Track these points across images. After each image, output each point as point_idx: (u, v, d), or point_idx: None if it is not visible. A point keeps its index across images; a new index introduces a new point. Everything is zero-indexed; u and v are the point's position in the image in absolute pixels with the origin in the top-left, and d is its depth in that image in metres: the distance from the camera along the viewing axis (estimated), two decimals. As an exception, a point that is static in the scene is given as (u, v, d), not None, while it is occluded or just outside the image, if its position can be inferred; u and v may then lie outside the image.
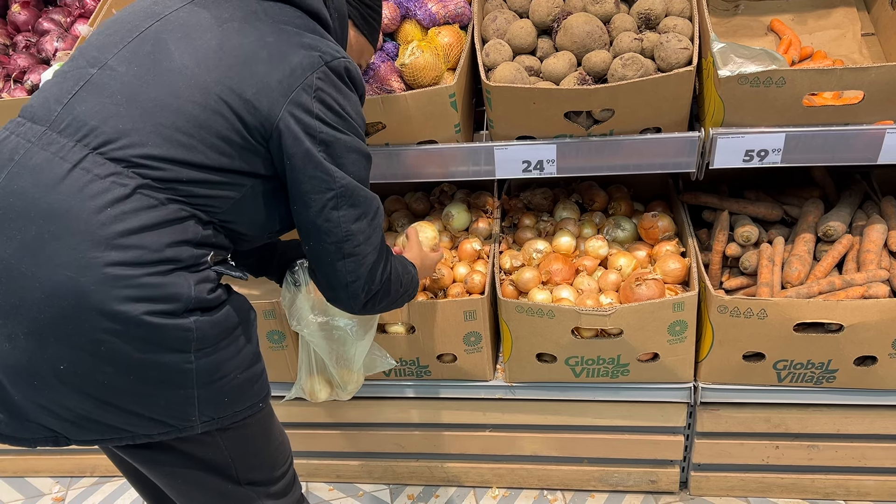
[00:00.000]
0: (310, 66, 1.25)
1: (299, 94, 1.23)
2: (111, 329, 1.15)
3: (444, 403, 2.21)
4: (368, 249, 1.36)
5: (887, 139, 1.72)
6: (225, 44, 1.23)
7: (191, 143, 1.20)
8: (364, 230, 1.34)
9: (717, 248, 2.07)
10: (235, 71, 1.22)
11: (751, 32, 2.17)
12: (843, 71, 1.65)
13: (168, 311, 1.17)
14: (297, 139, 1.24)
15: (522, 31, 1.89)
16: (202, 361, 1.23)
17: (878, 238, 1.95)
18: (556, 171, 1.90)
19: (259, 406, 1.38)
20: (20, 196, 1.17)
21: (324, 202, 1.28)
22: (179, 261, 1.20)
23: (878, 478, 2.14)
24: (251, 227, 1.35)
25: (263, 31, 1.26)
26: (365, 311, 1.45)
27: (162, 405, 1.25)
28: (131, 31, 1.27)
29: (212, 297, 1.23)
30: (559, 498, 2.32)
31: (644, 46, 1.81)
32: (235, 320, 1.28)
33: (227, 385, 1.29)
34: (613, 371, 2.04)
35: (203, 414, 1.27)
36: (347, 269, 1.35)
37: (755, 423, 2.09)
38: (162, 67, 1.22)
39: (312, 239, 1.34)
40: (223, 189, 1.25)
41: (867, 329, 1.82)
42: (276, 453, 1.50)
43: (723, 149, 1.78)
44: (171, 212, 1.20)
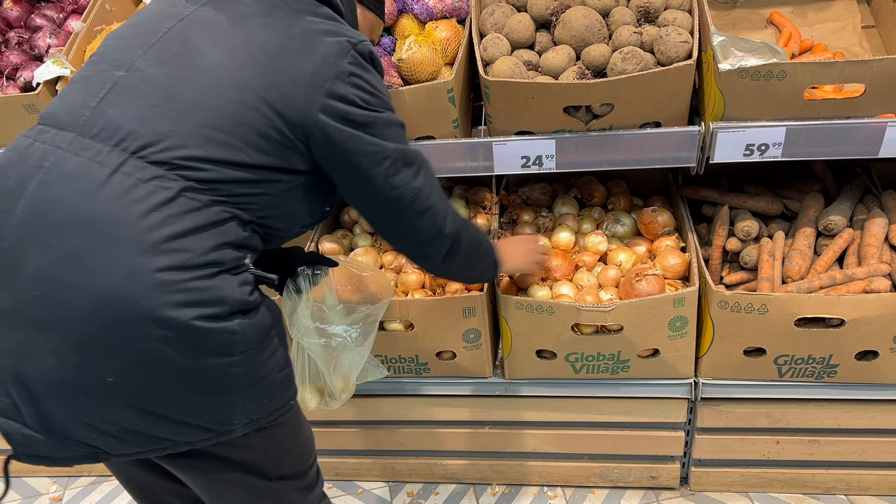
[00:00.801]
0: (339, 52, 1.25)
1: (334, 83, 1.23)
2: (161, 336, 1.13)
3: (443, 401, 2.20)
4: (437, 198, 1.39)
5: (888, 132, 1.71)
6: (254, 39, 1.23)
7: (231, 142, 1.19)
8: (426, 182, 1.36)
9: (718, 242, 2.06)
10: (269, 66, 1.21)
11: (750, 25, 2.16)
12: (844, 64, 1.64)
13: (215, 314, 1.16)
14: (340, 128, 1.25)
15: (520, 25, 1.87)
16: (246, 364, 1.23)
17: (878, 232, 1.94)
18: (555, 166, 1.89)
19: (290, 403, 1.38)
20: (57, 204, 1.13)
21: (384, 172, 1.30)
22: (223, 263, 1.18)
23: (879, 472, 2.13)
24: (286, 221, 1.34)
25: (288, 23, 1.25)
26: (448, 263, 1.48)
27: (206, 411, 1.24)
28: (153, 32, 1.25)
29: (251, 298, 1.23)
30: (559, 494, 2.32)
31: (643, 40, 1.79)
32: (270, 321, 1.28)
33: (267, 386, 1.29)
34: (614, 367, 2.02)
35: (244, 416, 1.27)
36: (426, 224, 1.38)
37: (756, 418, 2.08)
38: (194, 66, 1.20)
39: (385, 212, 1.37)
40: (261, 186, 1.24)
41: (868, 323, 1.81)
42: (304, 447, 1.51)
43: (723, 143, 1.77)
44: (214, 213, 1.18)
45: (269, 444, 1.39)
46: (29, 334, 1.14)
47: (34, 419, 1.18)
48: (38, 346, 1.14)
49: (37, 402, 1.17)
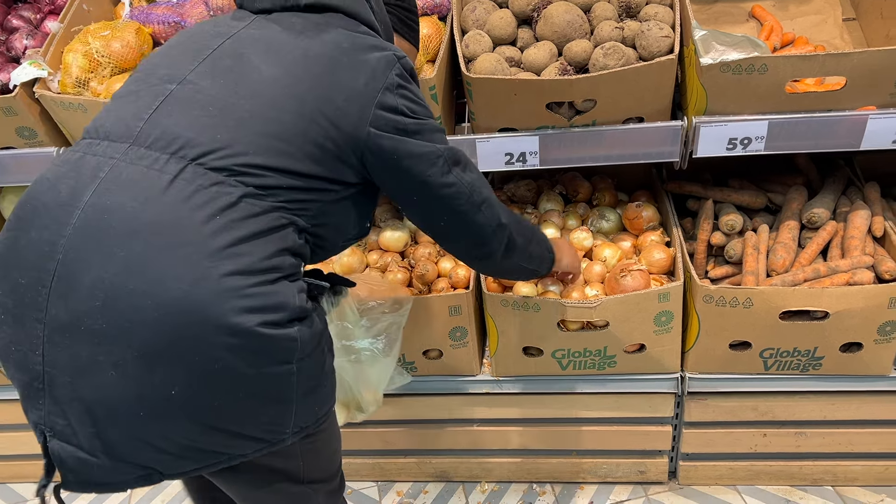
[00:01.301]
0: (387, 65, 1.28)
1: (385, 95, 1.26)
2: (226, 343, 1.11)
3: (430, 399, 2.19)
4: (488, 191, 1.42)
5: (870, 125, 1.71)
6: (308, 53, 1.25)
7: (290, 151, 1.20)
8: (475, 177, 1.39)
9: (702, 237, 2.06)
10: (324, 79, 1.23)
11: (732, 19, 2.16)
12: (825, 57, 1.64)
13: (277, 320, 1.15)
14: (392, 136, 1.27)
15: (502, 22, 1.86)
16: (303, 372, 1.22)
17: (861, 224, 1.94)
18: (538, 163, 1.88)
19: (330, 409, 1.38)
20: (117, 211, 1.11)
21: (439, 172, 1.32)
22: (282, 269, 1.18)
23: (865, 463, 2.14)
24: (334, 231, 1.36)
25: (338, 38, 1.28)
26: (508, 258, 1.50)
27: (263, 421, 1.22)
28: (201, 50, 1.27)
29: (308, 306, 1.22)
30: (548, 490, 2.32)
31: (625, 35, 1.79)
32: (321, 327, 1.28)
33: (318, 392, 1.29)
34: (600, 363, 2.02)
35: (296, 425, 1.26)
36: (486, 216, 1.40)
37: (742, 411, 2.09)
38: (251, 80, 1.22)
39: (445, 212, 1.38)
40: (314, 194, 1.26)
41: (852, 316, 1.82)
42: (335, 452, 1.53)
43: (706, 137, 1.77)
44: (273, 219, 1.19)
45: (309, 450, 1.39)
46: (89, 348, 1.10)
47: (90, 440, 1.15)
48: (98, 359, 1.10)
49: (95, 421, 1.14)
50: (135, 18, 2.12)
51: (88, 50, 1.99)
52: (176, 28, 2.06)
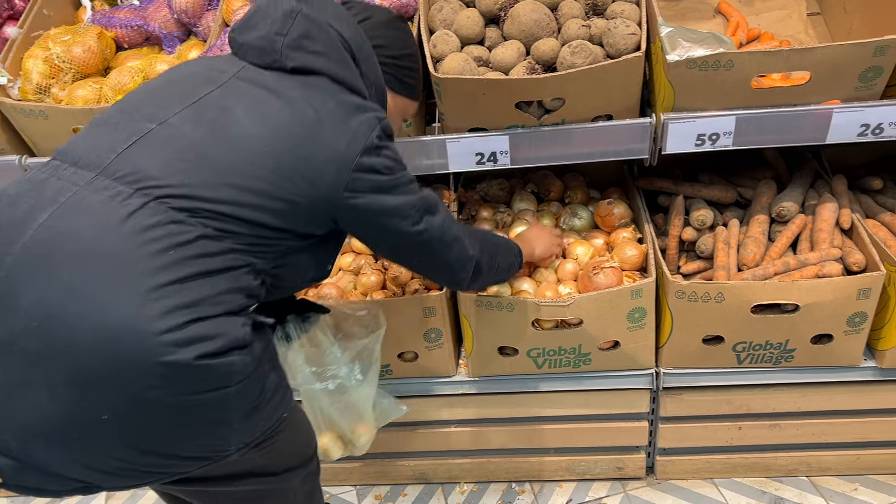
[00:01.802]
0: (369, 127, 1.30)
1: (362, 157, 1.28)
2: (160, 374, 1.11)
3: (407, 401, 2.16)
4: (457, 228, 1.49)
5: (835, 118, 1.73)
6: (293, 114, 1.26)
7: (258, 204, 1.22)
8: (444, 217, 1.44)
9: (674, 232, 2.07)
10: (305, 140, 1.25)
11: (699, 15, 2.17)
12: (789, 52, 1.65)
13: (214, 351, 1.15)
14: (367, 195, 1.30)
15: (469, 21, 1.86)
16: (242, 393, 1.23)
17: (829, 217, 1.96)
18: (509, 162, 1.88)
19: (284, 416, 1.39)
20: (70, 236, 1.12)
21: (413, 221, 1.37)
22: (229, 305, 1.19)
23: (839, 452, 2.17)
24: (293, 275, 1.37)
25: (324, 99, 1.29)
26: (477, 280, 1.58)
27: (203, 443, 1.24)
28: (189, 94, 1.28)
29: (249, 338, 1.23)
30: (527, 489, 2.32)
31: (592, 33, 1.79)
32: (261, 348, 1.28)
33: (260, 410, 1.29)
34: (575, 361, 2.03)
35: (239, 442, 1.28)
36: (456, 253, 1.48)
37: (717, 405, 2.10)
38: (232, 133, 1.23)
39: (418, 254, 1.45)
40: (276, 241, 1.28)
41: (822, 308, 1.83)
42: (305, 439, 1.56)
43: (675, 134, 1.78)
44: (228, 260, 1.20)
45: (269, 451, 1.39)
46: (23, 367, 1.11)
47: (24, 453, 1.16)
48: (31, 379, 1.11)
49: (28, 439, 1.14)
50: (97, 23, 2.08)
51: (49, 55, 1.95)
52: (139, 32, 2.03)
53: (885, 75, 1.69)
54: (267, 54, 1.31)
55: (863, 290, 1.81)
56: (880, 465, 2.18)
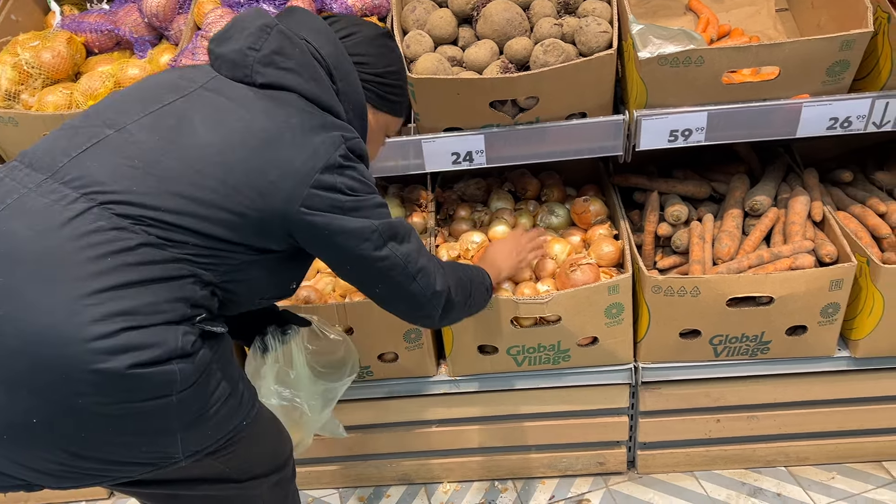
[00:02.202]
0: (332, 144, 1.27)
1: (322, 174, 1.25)
2: (90, 381, 1.10)
3: (388, 403, 2.18)
4: (425, 260, 1.42)
5: (804, 112, 1.76)
6: (251, 125, 1.24)
7: (204, 215, 1.20)
8: (413, 248, 1.40)
9: (649, 228, 2.09)
10: (261, 153, 1.23)
11: (670, 12, 2.19)
12: (758, 48, 1.67)
13: (150, 360, 1.14)
14: (324, 215, 1.27)
15: (442, 21, 1.86)
16: (184, 402, 1.21)
17: (801, 210, 1.99)
18: (485, 161, 1.89)
19: (243, 424, 1.37)
20: (8, 237, 1.12)
21: (372, 247, 1.33)
22: (173, 313, 1.18)
23: (816, 442, 2.20)
24: (246, 289, 1.34)
25: (288, 113, 1.27)
26: (446, 317, 1.52)
27: (144, 450, 1.22)
28: (153, 101, 1.27)
29: (192, 348, 1.21)
30: (510, 487, 2.32)
31: (564, 31, 1.80)
32: (209, 357, 1.26)
33: (208, 419, 1.27)
34: (555, 357, 2.04)
35: (187, 450, 1.26)
36: (421, 286, 1.41)
37: (696, 398, 2.12)
38: (185, 142, 1.22)
39: (379, 282, 1.40)
40: (226, 254, 1.25)
41: (796, 300, 1.86)
42: (274, 446, 1.53)
43: (648, 130, 1.79)
44: (172, 269, 1.18)
45: (229, 459, 1.38)
46: None
47: None
48: None
49: None
50: (66, 28, 2.06)
51: (18, 61, 1.93)
52: (109, 36, 2.01)
53: (852, 69, 1.72)
54: (238, 68, 1.30)
55: (835, 282, 1.84)
56: (857, 453, 2.21)
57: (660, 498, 2.21)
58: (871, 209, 2.01)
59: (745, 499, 2.17)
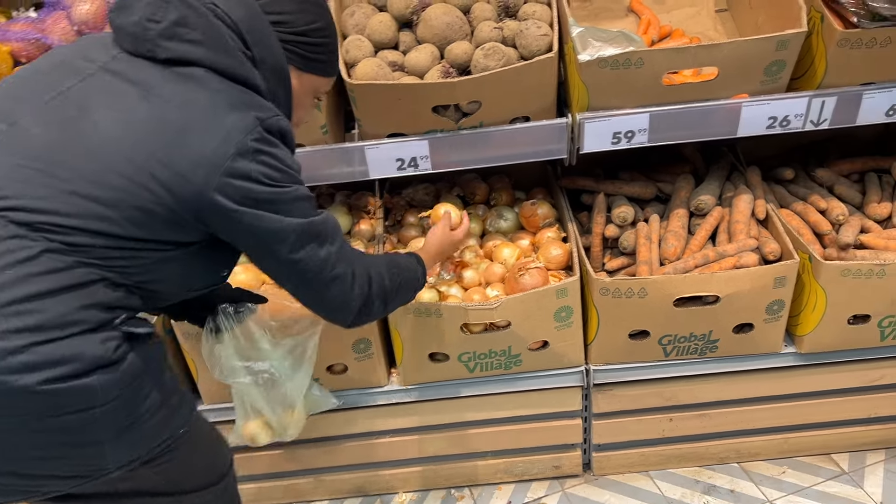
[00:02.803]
0: (244, 127, 1.18)
1: (235, 161, 1.16)
2: (5, 398, 1.06)
3: (339, 415, 2.14)
4: (343, 266, 1.35)
5: (744, 112, 1.77)
6: (154, 114, 1.16)
7: (107, 215, 1.13)
8: (333, 252, 1.32)
9: (597, 230, 2.09)
10: (166, 143, 1.15)
11: (612, 15, 2.20)
12: (696, 49, 1.68)
13: (66, 374, 1.09)
14: (237, 208, 1.19)
15: (382, 26, 1.83)
16: (108, 414, 1.16)
17: (745, 208, 2.01)
18: (431, 167, 1.86)
19: (179, 433, 1.33)
20: None
21: (288, 248, 1.26)
22: (86, 322, 1.12)
23: (766, 437, 2.22)
24: (168, 286, 1.28)
25: (195, 97, 1.18)
26: (361, 321, 1.45)
27: (71, 463, 1.18)
28: (52, 86, 1.19)
29: (115, 355, 1.16)
30: (467, 495, 2.30)
31: (505, 35, 1.78)
32: (139, 367, 1.21)
33: (138, 429, 1.23)
34: (506, 363, 2.02)
35: (116, 462, 1.21)
36: (334, 293, 1.35)
37: (648, 398, 2.12)
38: (86, 136, 1.14)
39: (292, 281, 1.34)
40: (137, 253, 1.18)
41: (741, 298, 1.87)
42: (212, 458, 1.48)
43: (591, 133, 1.79)
44: (79, 275, 1.12)
45: (166, 469, 1.33)
46: None
47: None
48: None
49: None
50: (-9, 37, 1.97)
51: (-61, 73, 1.85)
52: (37, 46, 1.93)
53: (789, 68, 1.74)
54: (140, 42, 1.20)
55: (779, 279, 1.86)
56: (806, 447, 2.24)
57: (616, 499, 2.21)
58: (813, 206, 2.05)
59: (699, 496, 2.19)
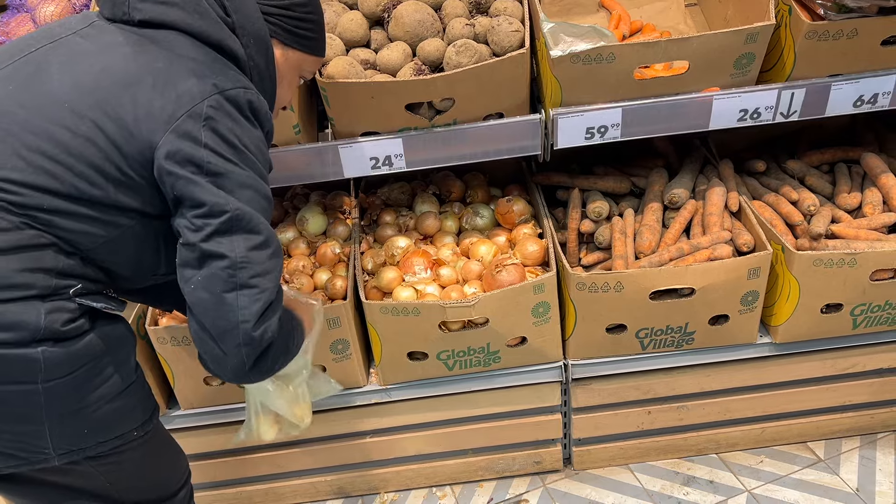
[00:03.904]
0: (199, 94, 1.14)
1: (185, 122, 1.12)
2: None
3: (319, 416, 2.11)
4: (268, 285, 1.17)
5: (715, 105, 1.79)
6: (109, 68, 1.14)
7: (56, 171, 1.10)
8: (263, 261, 1.16)
9: (572, 225, 2.09)
10: (114, 95, 1.12)
11: (583, 10, 2.21)
12: (667, 43, 1.69)
13: (9, 340, 1.07)
14: (179, 169, 1.12)
15: (353, 24, 1.82)
16: (52, 393, 1.13)
17: (718, 201, 2.02)
18: (405, 165, 1.86)
19: (133, 435, 1.30)
20: None
21: (214, 227, 1.13)
22: (30, 287, 1.09)
23: (743, 427, 2.24)
24: (131, 268, 1.25)
25: (154, 57, 1.16)
26: (255, 370, 1.21)
27: (7, 439, 1.16)
28: (22, 49, 1.20)
29: (68, 328, 1.13)
30: (448, 493, 2.30)
31: (477, 32, 1.78)
32: (100, 349, 1.19)
33: (86, 416, 1.20)
34: (485, 360, 2.02)
35: (58, 447, 1.19)
36: (241, 303, 1.14)
37: (626, 392, 2.13)
38: (37, 89, 1.13)
39: (202, 269, 1.14)
40: (94, 225, 1.15)
41: (716, 290, 1.89)
42: (168, 471, 1.44)
43: (564, 128, 1.79)
44: (26, 237, 1.10)
45: (110, 472, 1.30)
46: None
47: None
48: None
49: None
50: (-46, 40, 1.94)
51: None
52: (1, 48, 1.90)
53: (758, 61, 1.75)
54: (117, 6, 1.20)
55: (752, 270, 1.88)
56: (783, 436, 2.27)
57: (597, 493, 2.22)
58: (784, 197, 2.07)
59: (679, 488, 2.20)
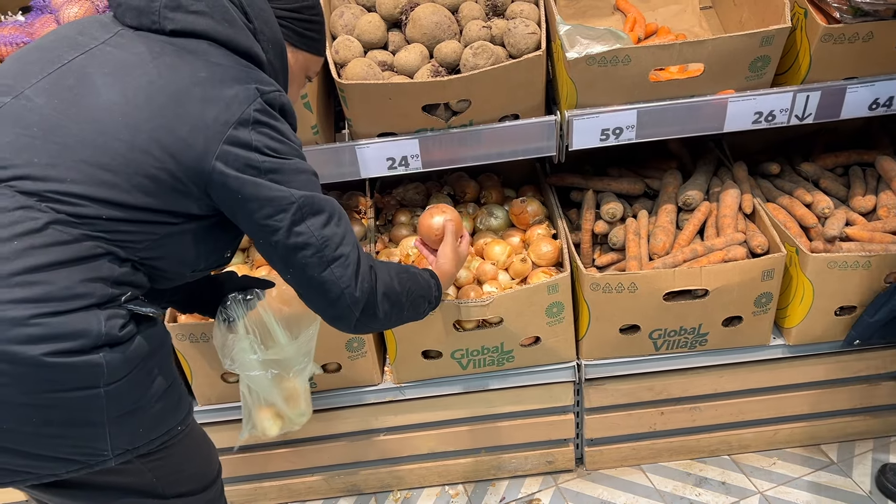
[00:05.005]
0: (246, 98, 1.19)
1: (237, 129, 1.17)
2: (6, 371, 1.06)
3: (334, 413, 2.15)
4: (349, 248, 1.30)
5: (730, 108, 1.80)
6: (156, 81, 1.17)
7: (115, 182, 1.13)
8: (337, 232, 1.28)
9: (586, 226, 2.11)
10: (168, 109, 1.15)
11: (598, 13, 2.22)
12: (682, 45, 1.70)
13: (73, 348, 1.10)
14: (238, 175, 1.19)
15: (371, 26, 1.84)
16: (113, 396, 1.16)
17: (732, 203, 2.03)
18: (421, 165, 1.88)
19: (178, 429, 1.33)
20: None
21: (289, 220, 1.23)
22: (91, 297, 1.12)
23: (756, 429, 2.25)
24: (173, 264, 1.28)
25: (196, 66, 1.19)
26: (368, 321, 1.36)
27: (69, 444, 1.17)
28: (53, 61, 1.19)
29: (122, 333, 1.16)
30: (461, 491, 2.31)
31: (493, 34, 1.80)
32: (147, 350, 1.22)
33: (141, 415, 1.23)
34: (499, 359, 2.04)
35: (117, 447, 1.21)
36: (336, 275, 1.28)
37: (639, 392, 2.14)
38: (86, 103, 1.15)
39: (292, 263, 1.27)
40: (146, 226, 1.19)
41: (730, 291, 1.90)
42: (204, 463, 1.47)
43: (579, 130, 1.81)
44: (85, 248, 1.12)
45: (157, 467, 1.33)
46: None
47: None
48: None
49: None
50: (-21, 41, 1.97)
51: (-73, 77, 1.84)
52: (25, 49, 1.93)
53: (773, 64, 1.76)
54: (145, 15, 1.22)
55: (767, 272, 1.88)
56: (796, 438, 2.27)
57: (609, 493, 2.23)
58: (798, 200, 2.07)
59: (691, 489, 2.21)
